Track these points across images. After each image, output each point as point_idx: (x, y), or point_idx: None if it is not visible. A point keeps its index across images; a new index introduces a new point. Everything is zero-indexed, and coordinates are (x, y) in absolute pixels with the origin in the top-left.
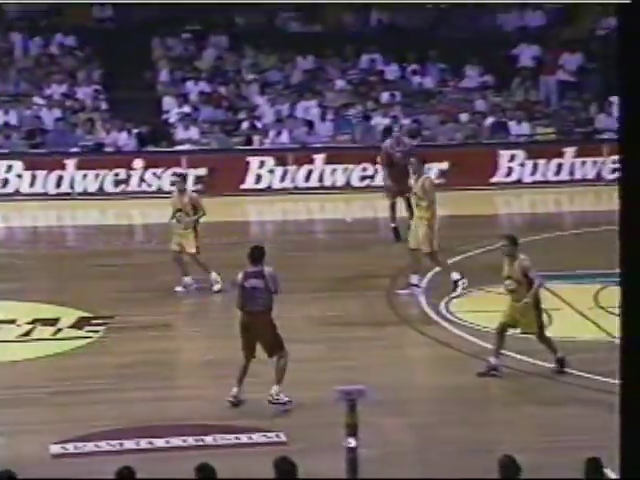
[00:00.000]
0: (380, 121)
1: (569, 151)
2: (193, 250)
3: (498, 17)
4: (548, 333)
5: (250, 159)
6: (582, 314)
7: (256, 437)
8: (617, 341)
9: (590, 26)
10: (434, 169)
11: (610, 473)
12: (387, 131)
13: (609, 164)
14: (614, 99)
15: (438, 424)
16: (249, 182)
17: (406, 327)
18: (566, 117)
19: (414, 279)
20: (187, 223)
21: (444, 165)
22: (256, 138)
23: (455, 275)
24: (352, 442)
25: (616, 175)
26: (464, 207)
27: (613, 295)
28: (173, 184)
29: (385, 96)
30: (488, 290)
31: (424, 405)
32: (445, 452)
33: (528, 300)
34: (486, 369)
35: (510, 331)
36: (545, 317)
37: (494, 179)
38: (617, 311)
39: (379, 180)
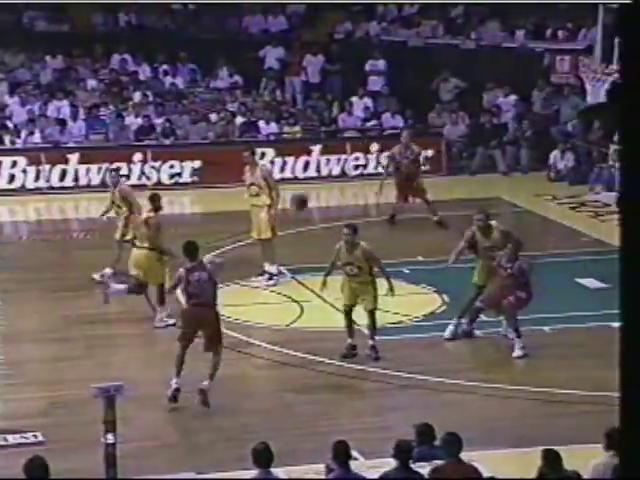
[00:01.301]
0: (133, 120)
1: (315, 149)
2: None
3: (244, 19)
4: (305, 324)
5: (2, 159)
6: (332, 305)
7: (12, 439)
8: (363, 329)
9: (329, 30)
10: (187, 167)
11: (358, 455)
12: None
13: (352, 161)
14: (354, 99)
15: (197, 415)
16: (1, 182)
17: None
18: (311, 116)
19: (273, 269)
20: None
21: (197, 164)
22: (7, 138)
23: (272, 269)
24: (110, 438)
25: (359, 171)
26: (218, 204)
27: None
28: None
29: (137, 96)
30: (243, 284)
31: (184, 398)
32: (203, 442)
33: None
34: (347, 350)
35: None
36: (298, 309)
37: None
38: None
39: (135, 178)
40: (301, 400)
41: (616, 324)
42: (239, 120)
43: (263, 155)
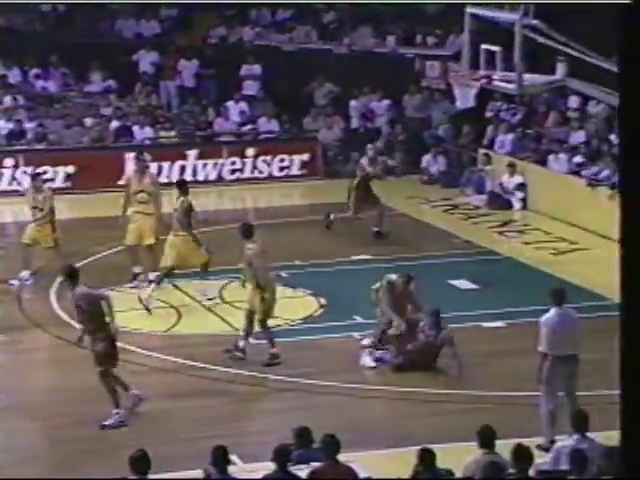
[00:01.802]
0: (4, 125)
1: (191, 153)
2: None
3: (117, 23)
4: (183, 330)
5: None
6: (208, 309)
7: None
8: (240, 332)
9: (203, 34)
10: (60, 173)
11: (237, 460)
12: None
13: (228, 165)
14: (230, 104)
15: (70, 425)
16: None
17: (38, 330)
18: (187, 121)
19: (153, 275)
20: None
21: (70, 169)
22: None
23: (151, 276)
24: None
25: (236, 176)
26: (92, 210)
27: (235, 289)
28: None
29: (8, 100)
30: (119, 290)
31: (57, 407)
32: (74, 452)
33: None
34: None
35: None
36: (176, 315)
37: (121, 181)
38: (239, 304)
39: (6, 184)
40: (179, 406)
41: (487, 324)
42: (113, 125)
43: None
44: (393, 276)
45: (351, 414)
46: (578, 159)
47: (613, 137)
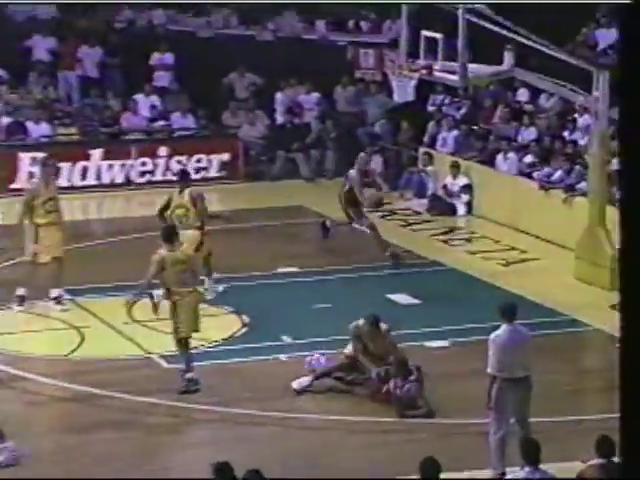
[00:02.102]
0: None
1: (95, 153)
2: None
3: (9, 7)
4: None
5: None
6: (117, 330)
7: None
8: (155, 357)
9: (108, 18)
10: None
11: None
12: None
13: (138, 167)
14: (139, 97)
15: None
16: None
17: None
18: (90, 116)
19: (60, 291)
20: None
21: None
22: None
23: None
24: None
25: (146, 178)
26: None
27: (146, 307)
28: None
29: None
30: (8, 308)
31: None
32: None
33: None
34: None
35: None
36: (78, 337)
37: (15, 185)
38: (151, 324)
39: None
40: (83, 441)
41: (431, 343)
42: (4, 121)
43: (34, 160)
44: (360, 321)
45: (280, 446)
46: (529, 159)
47: (566, 134)
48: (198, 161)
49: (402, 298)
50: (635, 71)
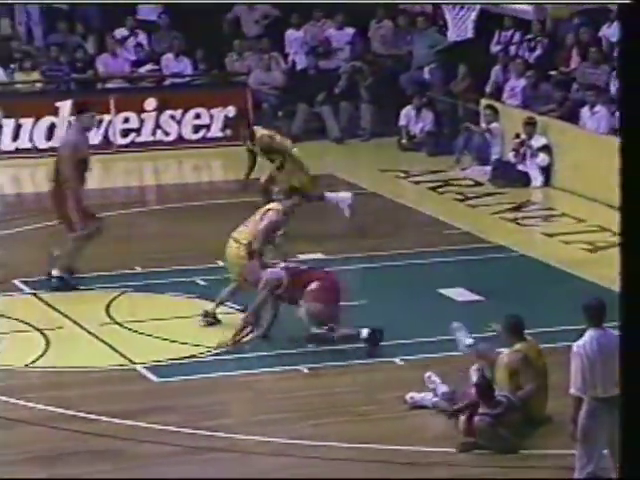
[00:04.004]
0: None
1: (64, 106)
2: None
3: None
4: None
5: None
6: (92, 333)
7: None
8: (141, 368)
9: None
10: None
11: None
12: None
13: (119, 124)
14: (120, 33)
15: None
16: None
17: None
18: (57, 58)
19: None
20: None
21: None
22: None
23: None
24: None
25: (130, 139)
26: None
27: (131, 304)
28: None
29: None
30: None
31: None
32: None
33: None
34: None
35: None
36: (42, 341)
37: None
38: (137, 326)
39: None
40: (47, 474)
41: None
42: None
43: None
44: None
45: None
46: None
47: None
48: (196, 117)
49: (458, 293)
50: (636, 71)
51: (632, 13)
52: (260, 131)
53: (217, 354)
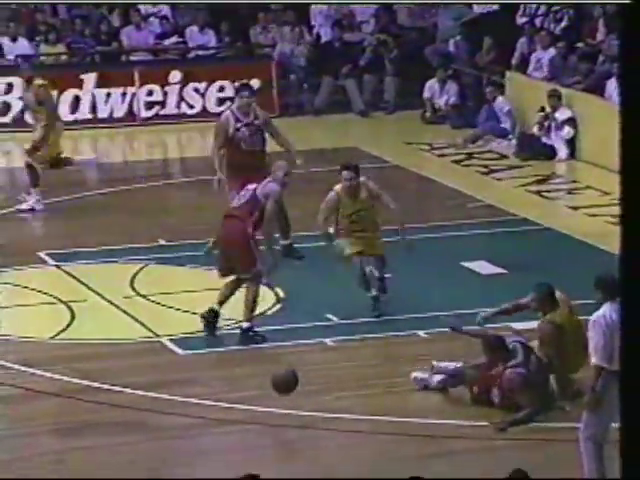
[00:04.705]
0: None
1: (89, 79)
2: None
3: None
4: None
5: None
6: (117, 306)
7: None
8: (166, 341)
9: None
10: None
11: None
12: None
13: (143, 96)
14: (145, 6)
15: None
16: None
17: None
18: (81, 30)
19: None
20: None
21: None
22: None
23: None
24: None
25: (154, 111)
26: None
27: (154, 277)
28: None
29: None
30: None
31: None
32: None
33: None
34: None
35: None
36: (67, 314)
37: None
38: (161, 299)
39: None
40: (70, 446)
41: (517, 324)
42: None
43: (10, 88)
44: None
45: (324, 455)
46: None
47: None
48: (220, 89)
49: (483, 266)
50: (636, 72)
51: (632, 13)
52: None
53: (240, 327)
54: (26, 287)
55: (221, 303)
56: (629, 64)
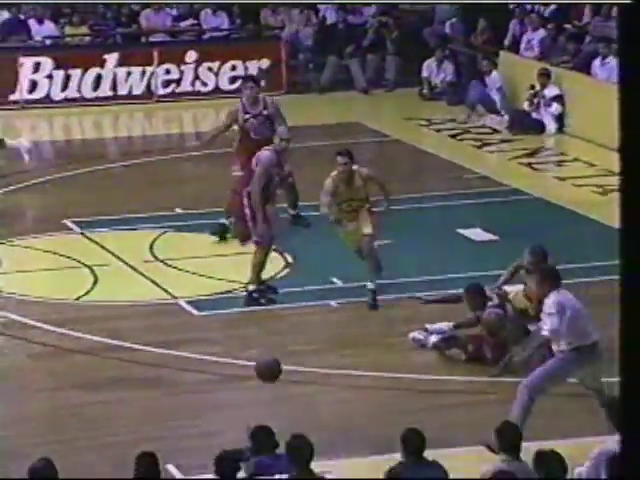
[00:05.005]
0: None
1: (110, 58)
2: None
3: None
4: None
5: None
6: (137, 270)
7: None
8: (183, 303)
9: None
10: None
11: (173, 470)
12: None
13: (161, 75)
14: None
15: None
16: None
17: None
18: (103, 13)
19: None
20: None
21: None
22: None
23: None
24: None
25: (171, 89)
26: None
27: (172, 243)
28: None
29: None
30: (16, 243)
31: None
32: None
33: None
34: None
35: None
36: (91, 277)
37: (15, 96)
38: (178, 264)
39: None
40: (93, 399)
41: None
42: (1, 17)
43: (38, 67)
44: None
45: (329, 409)
46: None
47: None
48: (233, 68)
49: (476, 233)
50: (636, 72)
51: (632, 13)
52: None
53: (246, 289)
54: (55, 253)
55: (257, 275)
56: (629, 64)
